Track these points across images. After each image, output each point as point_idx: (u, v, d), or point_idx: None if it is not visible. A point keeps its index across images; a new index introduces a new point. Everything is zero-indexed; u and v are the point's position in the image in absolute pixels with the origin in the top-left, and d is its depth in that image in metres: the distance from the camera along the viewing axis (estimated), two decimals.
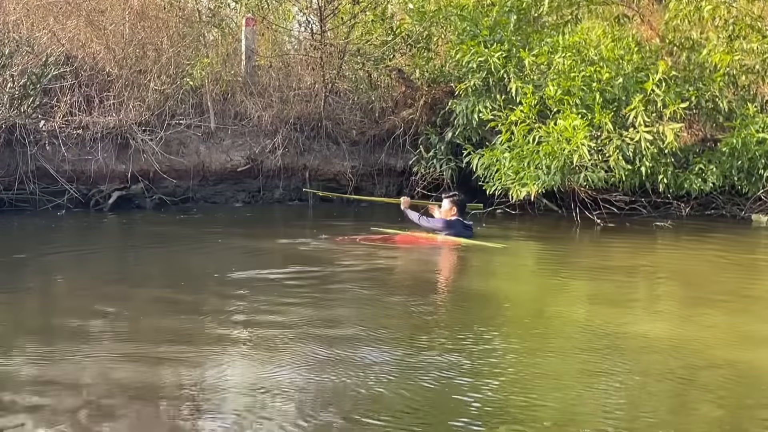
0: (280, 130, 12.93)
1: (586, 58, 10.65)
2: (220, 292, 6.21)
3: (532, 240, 9.78)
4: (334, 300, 6.09)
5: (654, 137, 10.13)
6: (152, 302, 6.00)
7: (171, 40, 12.73)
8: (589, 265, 8.02)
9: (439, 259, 8.53)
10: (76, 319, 5.35)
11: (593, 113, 10.16)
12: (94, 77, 12.12)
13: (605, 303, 6.10)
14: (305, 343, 4.72)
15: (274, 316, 5.41)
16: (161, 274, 7.29)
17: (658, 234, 10.11)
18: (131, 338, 4.90)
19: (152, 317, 5.47)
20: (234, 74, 13.41)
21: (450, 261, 8.41)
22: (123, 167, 11.83)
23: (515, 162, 10.38)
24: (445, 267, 8.12)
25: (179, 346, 4.67)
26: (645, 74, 10.55)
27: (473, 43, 11.21)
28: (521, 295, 6.67)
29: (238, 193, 12.95)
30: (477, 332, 5.05)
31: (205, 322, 5.27)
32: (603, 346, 4.79)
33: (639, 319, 5.58)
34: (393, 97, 13.75)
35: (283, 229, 10.57)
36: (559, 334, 5.15)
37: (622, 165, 10.15)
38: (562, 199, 11.72)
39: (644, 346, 4.79)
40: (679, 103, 10.07)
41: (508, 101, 11.03)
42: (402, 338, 4.92)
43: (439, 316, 5.64)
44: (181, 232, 9.87)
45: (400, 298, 6.19)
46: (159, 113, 12.22)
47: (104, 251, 8.63)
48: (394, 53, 13.69)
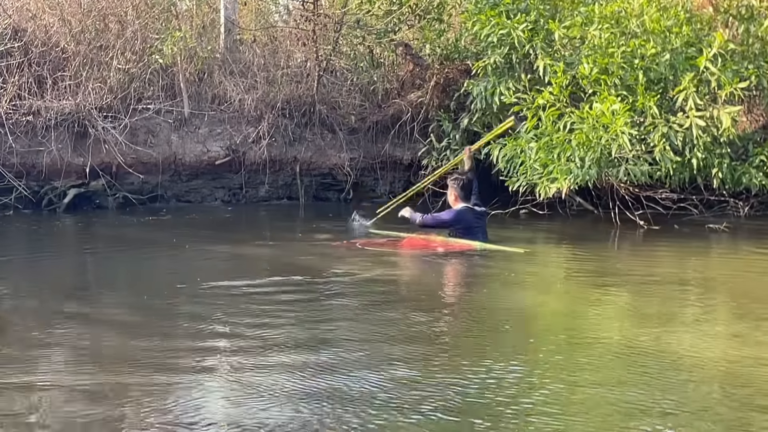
0: (266, 116, 12.88)
1: (626, 31, 10.55)
2: (189, 309, 6.12)
3: (563, 245, 9.69)
4: (326, 317, 5.99)
5: (707, 123, 10.03)
6: (107, 321, 5.91)
7: (137, 10, 12.68)
8: (631, 275, 7.91)
9: (450, 267, 8.44)
10: (20, 342, 5.25)
11: (635, 95, 10.06)
12: (47, 54, 12.08)
13: (650, 320, 5.99)
14: (291, 371, 4.61)
15: (253, 338, 5.31)
16: (119, 287, 7.21)
17: (711, 238, 10.01)
18: (83, 364, 4.80)
19: (107, 339, 5.38)
20: (211, 50, 13.35)
21: (464, 269, 8.31)
22: (81, 160, 11.79)
23: (543, 153, 10.29)
24: (457, 277, 8.02)
25: (141, 374, 4.56)
26: (697, 49, 10.44)
27: (493, 13, 11.11)
28: (549, 310, 6.57)
29: (217, 190, 12.90)
30: (496, 355, 4.94)
31: (171, 343, 5.17)
32: (647, 372, 4.68)
33: (690, 340, 5.46)
34: (399, 77, 13.70)
35: (269, 233, 10.48)
36: (594, 357, 5.03)
37: (669, 156, 10.04)
38: (598, 196, 11.66)
39: (697, 373, 4.67)
40: (737, 83, 9.96)
41: (534, 82, 10.93)
42: (404, 361, 4.81)
43: (451, 335, 5.54)
44: (146, 237, 9.80)
45: (404, 313, 6.09)
46: (123, 96, 12.19)
47: (55, 259, 8.55)
48: (400, 25, 13.61)
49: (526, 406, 4.14)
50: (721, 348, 5.25)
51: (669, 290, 7.08)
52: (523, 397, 4.26)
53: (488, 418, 3.99)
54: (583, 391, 4.41)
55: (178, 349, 5.08)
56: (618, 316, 6.22)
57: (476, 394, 4.30)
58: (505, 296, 7.01)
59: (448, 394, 4.29)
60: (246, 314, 5.95)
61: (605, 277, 7.84)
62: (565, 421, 3.96)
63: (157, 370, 4.64)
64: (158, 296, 6.62)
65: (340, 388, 4.36)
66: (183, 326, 5.63)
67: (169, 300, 6.48)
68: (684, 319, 6.14)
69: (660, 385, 4.48)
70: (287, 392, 4.29)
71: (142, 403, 4.13)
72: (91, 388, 4.38)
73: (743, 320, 6.04)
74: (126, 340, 5.32)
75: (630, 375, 4.68)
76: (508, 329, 5.80)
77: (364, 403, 4.14)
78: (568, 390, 4.39)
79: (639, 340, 5.41)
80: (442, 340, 5.45)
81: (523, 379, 4.58)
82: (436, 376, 4.58)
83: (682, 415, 4.07)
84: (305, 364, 4.75)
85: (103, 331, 5.57)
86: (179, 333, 5.44)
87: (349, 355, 4.94)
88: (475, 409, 4.10)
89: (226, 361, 4.83)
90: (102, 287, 7.22)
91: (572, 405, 4.16)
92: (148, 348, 5.11)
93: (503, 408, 4.10)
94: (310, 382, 4.44)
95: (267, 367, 4.70)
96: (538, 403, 4.18)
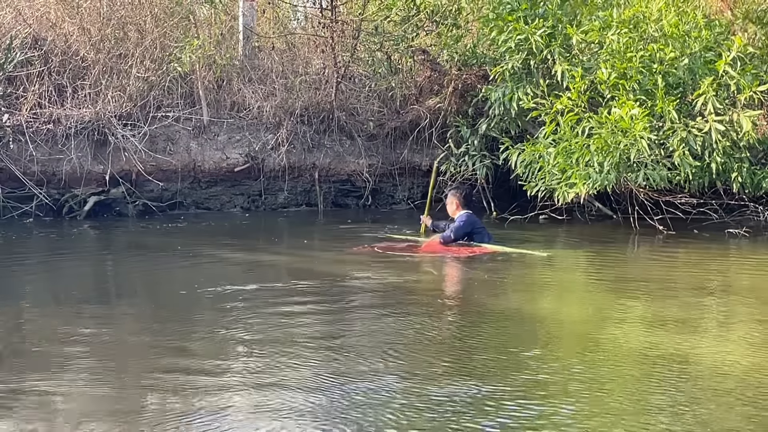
0: (285, 123, 12.90)
1: (645, 35, 10.52)
2: (203, 316, 6.12)
3: (582, 251, 9.64)
4: (342, 322, 5.97)
5: (727, 128, 9.97)
6: (121, 327, 5.92)
7: (156, 18, 12.73)
8: (650, 280, 7.86)
9: (469, 272, 8.41)
10: (44, 345, 5.27)
11: (654, 100, 10.02)
12: (67, 63, 12.15)
13: (670, 327, 5.93)
14: (308, 383, 4.60)
15: (269, 345, 5.30)
16: (135, 294, 7.22)
17: (731, 243, 9.94)
18: (99, 371, 4.81)
19: (121, 346, 5.39)
20: (230, 58, 13.38)
21: (483, 275, 8.28)
22: (101, 168, 11.83)
23: (561, 158, 10.26)
24: (476, 283, 7.99)
25: (157, 383, 4.57)
26: (716, 53, 10.40)
27: (511, 19, 11.09)
28: (568, 316, 6.53)
29: (236, 197, 12.92)
30: (514, 361, 4.91)
31: (187, 353, 5.17)
32: (668, 380, 4.63)
33: (711, 346, 5.41)
34: (417, 83, 13.69)
35: (286, 240, 10.49)
36: (614, 365, 5.00)
37: (688, 161, 9.99)
38: (617, 202, 11.60)
39: (720, 381, 4.63)
40: (757, 86, 9.89)
41: (552, 87, 10.91)
42: (421, 369, 4.79)
43: (468, 342, 5.51)
44: (161, 244, 9.83)
45: (422, 320, 6.06)
46: (142, 104, 12.23)
47: (74, 267, 8.57)
48: (418, 31, 13.61)
49: (543, 411, 4.12)
50: (742, 355, 5.19)
51: (689, 296, 7.02)
52: (540, 403, 4.23)
53: (503, 424, 3.97)
54: (603, 398, 4.38)
55: (192, 355, 5.09)
56: (638, 322, 6.18)
57: (493, 400, 4.28)
58: (524, 302, 6.98)
59: (464, 401, 4.26)
60: (261, 321, 5.94)
61: (625, 283, 7.79)
62: (584, 428, 3.94)
63: (172, 382, 4.64)
64: (166, 305, 6.62)
65: (359, 397, 4.34)
66: (196, 333, 5.63)
67: (176, 309, 6.48)
68: (705, 325, 6.09)
69: (680, 393, 4.44)
70: (302, 402, 4.28)
71: (157, 412, 4.13)
72: (106, 393, 4.39)
73: (763, 326, 5.99)
74: (142, 349, 5.33)
75: (650, 382, 4.64)
76: (526, 335, 5.76)
77: (384, 412, 4.13)
78: (586, 396, 4.36)
79: (659, 346, 5.37)
80: (460, 346, 5.42)
81: (539, 385, 4.55)
82: (451, 382, 4.56)
83: (702, 423, 4.03)
84: (320, 368, 4.74)
85: (117, 338, 5.58)
86: (193, 340, 5.44)
87: (369, 365, 4.93)
88: (491, 415, 4.07)
89: (241, 366, 4.82)
90: (111, 294, 7.27)
91: (591, 412, 4.13)
92: (160, 357, 5.11)
93: (518, 414, 4.08)
94: (326, 388, 4.43)
95: (282, 380, 4.69)
96: (556, 409, 4.15)
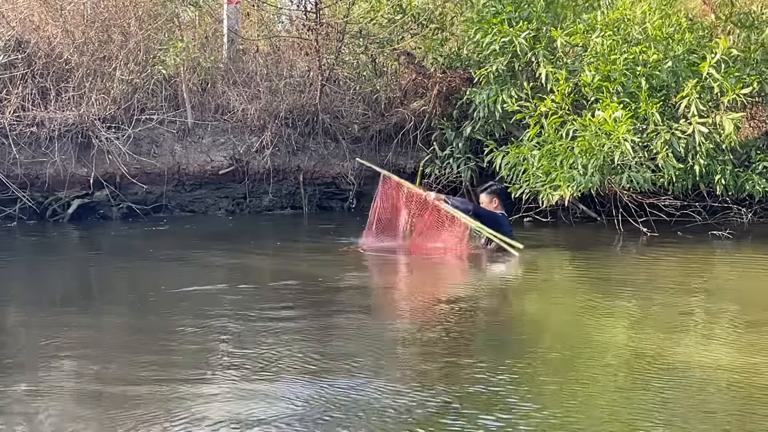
0: (269, 126, 12.86)
1: (629, 38, 10.53)
2: (182, 318, 6.10)
3: (566, 253, 9.66)
4: (323, 325, 5.96)
5: (710, 130, 10.00)
6: (101, 329, 5.90)
7: (140, 20, 12.67)
8: (634, 282, 7.88)
9: (452, 273, 8.41)
10: (25, 348, 5.24)
11: (638, 102, 10.04)
12: (50, 65, 12.07)
13: (653, 328, 5.95)
14: (289, 389, 4.59)
15: (252, 350, 5.28)
16: (114, 297, 7.20)
17: (715, 245, 9.97)
18: (80, 373, 4.79)
19: (103, 348, 5.36)
20: (214, 61, 13.34)
21: (467, 277, 8.28)
22: (85, 171, 11.77)
23: (546, 161, 10.26)
24: (459, 284, 7.99)
25: (139, 383, 4.55)
26: (699, 56, 10.42)
27: (495, 21, 11.08)
28: (553, 318, 6.53)
29: (221, 200, 12.88)
30: (495, 363, 4.90)
31: (167, 355, 5.15)
32: (651, 380, 4.64)
33: (695, 348, 5.43)
34: (401, 85, 13.66)
35: (266, 243, 10.43)
36: (599, 366, 5.00)
37: (672, 163, 10.01)
38: (601, 204, 11.60)
39: (703, 382, 4.64)
40: (740, 89, 9.92)
41: (536, 89, 10.92)
42: (399, 370, 4.79)
43: (450, 345, 5.50)
44: (141, 247, 9.82)
45: (399, 322, 6.08)
46: (126, 107, 12.17)
47: (57, 270, 8.54)
48: (403, 34, 13.59)
49: (525, 413, 4.11)
50: (726, 356, 5.21)
51: (673, 297, 7.04)
52: (522, 405, 4.23)
53: (484, 425, 3.97)
54: (585, 400, 4.38)
55: (174, 355, 5.07)
56: (621, 324, 6.19)
57: (475, 401, 4.27)
58: (508, 304, 6.98)
59: (447, 401, 4.26)
60: (244, 325, 5.93)
61: (608, 285, 7.81)
62: (567, 429, 3.94)
63: (153, 381, 4.61)
64: (144, 308, 6.59)
65: (340, 397, 4.33)
66: (175, 337, 5.61)
67: (154, 312, 6.45)
68: (688, 327, 6.11)
69: (663, 394, 4.44)
70: (284, 409, 4.27)
71: (139, 412, 4.11)
72: (89, 395, 4.37)
73: (747, 328, 6.00)
74: (118, 347, 5.31)
75: (633, 383, 4.65)
76: (509, 337, 5.76)
77: (366, 414, 4.12)
78: (569, 398, 4.36)
79: (642, 347, 5.38)
80: (441, 348, 5.41)
81: (522, 386, 4.55)
82: (434, 384, 4.56)
83: (686, 425, 4.03)
84: (307, 376, 4.73)
85: (98, 340, 5.56)
86: (171, 344, 5.42)
87: (353, 369, 4.92)
88: (472, 417, 4.07)
89: (222, 370, 4.81)
90: (91, 297, 7.28)
91: (573, 414, 4.13)
92: (141, 358, 5.09)
93: (501, 415, 4.07)
94: (308, 391, 4.42)
95: (265, 379, 4.68)
96: (539, 411, 4.15)
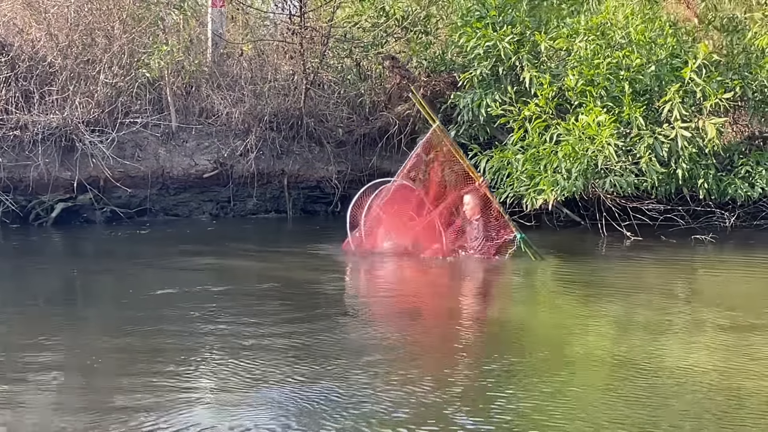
0: (254, 130, 12.83)
1: (612, 42, 10.55)
2: (161, 325, 6.09)
3: (551, 257, 9.66)
4: (306, 327, 5.96)
5: (692, 134, 10.03)
6: (86, 332, 5.88)
7: (124, 24, 12.62)
8: (618, 286, 7.91)
9: (436, 276, 8.42)
10: (5, 350, 5.23)
11: (621, 107, 10.06)
12: (34, 69, 12.00)
13: (637, 331, 5.98)
14: (271, 391, 4.59)
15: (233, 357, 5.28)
16: (95, 300, 7.19)
17: (698, 249, 10.01)
18: (63, 379, 4.77)
19: (84, 352, 5.35)
20: (198, 64, 13.30)
21: (452, 280, 8.29)
22: (68, 174, 11.71)
23: (530, 165, 10.27)
24: (444, 287, 8.00)
25: (120, 390, 4.53)
26: (682, 60, 10.45)
27: (479, 25, 11.10)
28: (536, 321, 6.55)
29: (205, 203, 12.84)
30: (477, 366, 4.92)
31: (145, 361, 5.14)
32: (633, 382, 4.66)
33: (677, 351, 5.45)
34: (386, 89, 13.67)
35: (245, 247, 10.38)
36: (582, 369, 5.02)
37: (655, 167, 10.03)
38: (585, 208, 11.63)
39: (684, 383, 4.67)
40: (722, 93, 9.97)
41: (520, 93, 10.93)
42: (375, 373, 4.79)
43: (436, 348, 5.51)
44: (122, 251, 9.79)
45: (377, 325, 6.07)
46: (110, 110, 12.11)
47: (39, 273, 8.50)
48: (387, 38, 13.60)
49: (507, 415, 4.12)
50: (708, 359, 5.24)
51: (655, 301, 7.07)
52: (505, 407, 4.24)
53: (464, 426, 3.97)
54: (567, 402, 4.39)
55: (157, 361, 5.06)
56: (604, 327, 6.21)
57: (457, 404, 4.28)
58: (491, 306, 7.00)
59: (427, 404, 4.26)
60: (226, 329, 5.92)
61: (592, 288, 7.83)
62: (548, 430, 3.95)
63: (132, 389, 4.60)
64: (124, 311, 6.58)
65: (322, 400, 4.34)
66: (155, 340, 5.61)
67: (135, 315, 6.44)
68: (670, 330, 6.13)
69: (645, 396, 4.46)
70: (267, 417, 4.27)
71: (122, 418, 4.10)
72: (71, 401, 4.35)
73: (729, 331, 6.04)
74: (98, 350, 5.30)
75: (615, 386, 4.66)
76: (492, 340, 5.77)
77: (348, 416, 4.13)
78: (552, 400, 4.37)
79: (625, 350, 5.40)
80: (421, 351, 5.42)
81: (504, 388, 4.55)
82: (412, 387, 4.56)
83: (668, 427, 4.05)
84: (290, 381, 4.73)
85: (80, 344, 5.54)
86: (149, 347, 5.41)
87: (330, 368, 4.92)
88: (453, 420, 4.08)
89: (203, 373, 4.80)
90: (72, 300, 7.30)
91: (555, 416, 4.14)
92: (120, 364, 5.08)
93: (484, 418, 4.08)
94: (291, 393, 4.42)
95: (246, 380, 4.68)
96: (521, 413, 4.16)
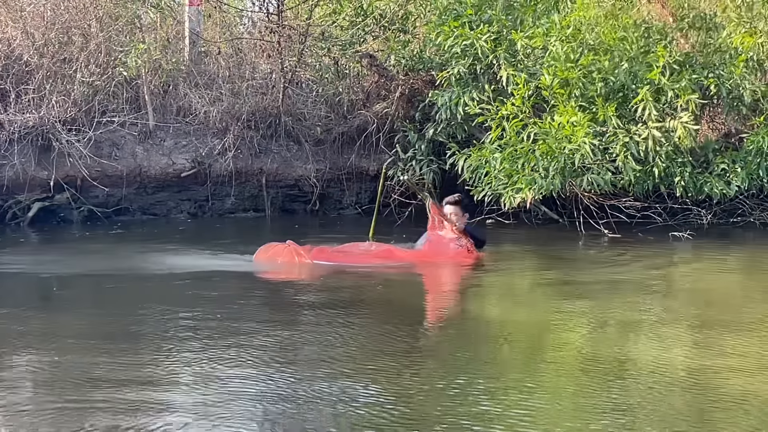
0: (231, 128, 12.79)
1: (584, 43, 10.55)
2: (140, 327, 6.06)
3: (529, 254, 9.71)
4: (288, 329, 5.95)
5: (663, 134, 10.04)
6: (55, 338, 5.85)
7: (101, 22, 12.55)
8: (595, 283, 7.94)
9: (414, 278, 8.42)
10: None
11: (596, 105, 10.08)
12: (10, 67, 11.92)
13: (613, 329, 6.01)
14: (254, 393, 4.58)
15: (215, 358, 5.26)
16: (71, 301, 7.13)
17: (675, 246, 10.06)
18: (43, 383, 4.74)
19: (62, 355, 5.31)
20: (176, 62, 13.25)
21: (427, 281, 8.29)
22: (45, 174, 11.64)
23: (507, 163, 10.27)
24: (420, 288, 8.00)
25: (101, 392, 4.51)
26: (655, 57, 10.48)
27: (456, 24, 11.10)
28: (512, 319, 6.56)
29: (183, 202, 12.79)
30: (455, 366, 4.92)
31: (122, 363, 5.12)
32: (610, 381, 4.68)
33: (653, 349, 5.48)
34: (364, 88, 13.64)
35: None
36: (558, 367, 5.03)
37: (631, 165, 10.07)
38: (563, 206, 11.66)
39: (659, 379, 4.69)
40: (689, 94, 9.99)
41: (498, 92, 10.92)
42: (364, 376, 4.79)
43: (412, 350, 5.51)
44: (96, 250, 9.75)
45: (361, 327, 6.07)
46: (87, 109, 12.04)
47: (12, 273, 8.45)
48: (365, 36, 13.58)
49: (486, 416, 4.13)
50: (684, 356, 5.26)
51: (633, 298, 7.10)
52: (482, 407, 4.24)
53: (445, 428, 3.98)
54: (543, 402, 4.40)
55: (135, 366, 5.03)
56: (581, 325, 6.23)
57: (438, 405, 4.28)
58: (468, 306, 7.00)
59: (410, 406, 4.26)
60: (202, 326, 5.90)
61: (569, 286, 7.86)
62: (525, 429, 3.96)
63: (110, 385, 4.58)
64: (102, 311, 6.54)
65: (305, 395, 4.33)
66: (133, 338, 5.58)
67: (112, 317, 6.41)
68: (647, 327, 6.16)
69: (620, 394, 4.48)
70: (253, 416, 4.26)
71: (106, 422, 4.08)
72: (53, 406, 4.32)
73: (706, 328, 6.08)
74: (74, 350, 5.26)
75: (591, 383, 4.68)
76: (469, 339, 5.78)
77: (331, 411, 4.12)
78: (528, 399, 4.38)
79: (601, 348, 5.42)
80: (402, 352, 5.41)
81: (481, 387, 4.56)
82: (396, 389, 4.56)
83: (644, 426, 4.07)
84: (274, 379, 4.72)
85: (51, 344, 5.50)
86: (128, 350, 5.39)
87: (313, 363, 4.91)
88: (433, 420, 4.08)
89: (182, 369, 4.79)
90: (47, 301, 7.20)
91: (532, 415, 4.15)
92: (97, 360, 5.04)
93: (463, 420, 4.08)
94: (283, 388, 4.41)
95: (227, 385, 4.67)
96: (499, 412, 4.17)
